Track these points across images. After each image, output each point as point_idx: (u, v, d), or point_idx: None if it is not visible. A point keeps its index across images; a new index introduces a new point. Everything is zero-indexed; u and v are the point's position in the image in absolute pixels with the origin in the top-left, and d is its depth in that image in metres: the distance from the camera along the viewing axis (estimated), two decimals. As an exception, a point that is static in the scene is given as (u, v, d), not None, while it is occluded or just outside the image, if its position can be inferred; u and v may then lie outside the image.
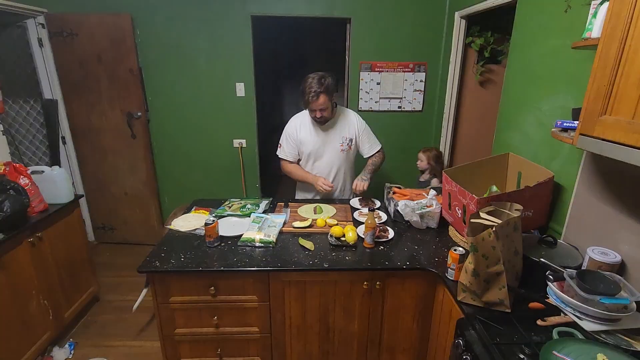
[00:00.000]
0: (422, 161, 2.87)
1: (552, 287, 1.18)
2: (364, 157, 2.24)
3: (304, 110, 2.12)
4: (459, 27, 2.97)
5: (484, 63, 3.07)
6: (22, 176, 2.00)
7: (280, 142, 2.21)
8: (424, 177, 2.91)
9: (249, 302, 1.58)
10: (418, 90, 3.36)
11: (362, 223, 1.77)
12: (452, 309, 1.39)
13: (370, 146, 2.20)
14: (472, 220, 1.25)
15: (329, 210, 2.02)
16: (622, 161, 0.95)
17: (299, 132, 2.14)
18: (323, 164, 2.18)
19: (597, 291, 1.07)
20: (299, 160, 2.23)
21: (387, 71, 3.28)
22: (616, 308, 1.05)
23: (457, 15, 2.96)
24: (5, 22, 2.81)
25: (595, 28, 1.19)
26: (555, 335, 1.06)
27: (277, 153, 2.23)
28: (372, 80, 3.30)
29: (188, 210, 2.02)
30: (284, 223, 1.85)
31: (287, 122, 2.21)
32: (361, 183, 2.06)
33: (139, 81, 3.07)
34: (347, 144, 2.14)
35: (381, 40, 3.19)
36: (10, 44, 2.90)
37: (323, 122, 2.06)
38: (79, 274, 2.42)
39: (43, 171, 2.18)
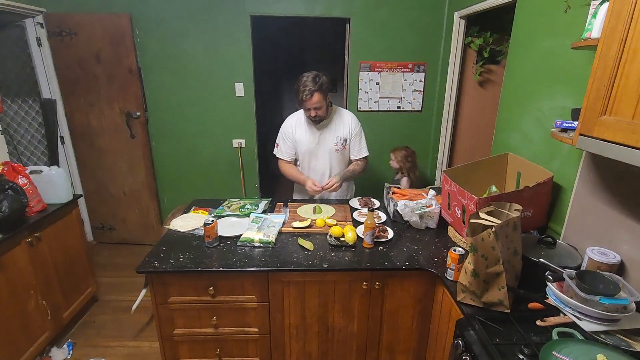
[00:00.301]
0: (393, 160, 2.91)
1: (552, 287, 1.18)
2: (350, 158, 2.22)
3: (300, 110, 2.12)
4: (458, 27, 2.97)
5: (483, 63, 3.07)
6: (20, 176, 1.99)
7: (276, 141, 2.21)
8: (397, 177, 2.95)
9: (248, 302, 1.57)
10: (417, 91, 3.36)
11: (362, 223, 1.77)
12: (451, 309, 1.39)
13: (358, 150, 2.18)
14: (471, 220, 1.25)
15: (328, 210, 2.01)
16: (622, 161, 0.95)
17: (294, 131, 2.13)
18: (319, 164, 2.18)
19: (596, 291, 1.07)
20: (296, 159, 2.23)
21: (387, 71, 3.28)
22: (615, 308, 1.05)
23: (456, 15, 2.96)
24: (4, 21, 2.80)
25: (595, 28, 1.19)
26: (554, 336, 1.06)
27: (274, 152, 2.22)
28: (372, 80, 3.30)
29: (187, 210, 2.02)
30: (283, 223, 1.84)
31: None
32: (337, 185, 2.01)
33: (138, 81, 3.07)
34: (342, 144, 2.13)
35: (380, 40, 3.19)
36: (8, 44, 2.89)
37: (318, 121, 2.05)
38: (78, 274, 2.41)
39: (42, 171, 2.17)
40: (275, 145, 2.22)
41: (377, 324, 1.65)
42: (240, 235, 1.69)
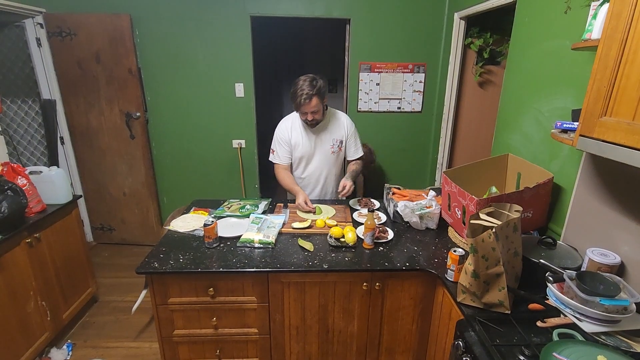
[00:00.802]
0: None
1: (552, 288, 1.17)
2: (347, 159, 2.22)
3: (293, 112, 2.08)
4: (458, 28, 2.97)
5: (483, 64, 3.08)
6: (20, 176, 1.99)
7: (272, 147, 2.15)
8: None
9: (248, 303, 1.57)
10: (417, 91, 3.36)
11: (362, 224, 1.76)
12: (451, 310, 1.39)
13: (355, 150, 2.19)
14: (471, 221, 1.25)
15: (328, 211, 2.01)
16: (622, 162, 0.95)
17: (290, 134, 2.10)
18: (314, 167, 2.16)
19: (596, 292, 1.07)
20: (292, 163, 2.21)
21: (387, 72, 3.28)
22: (616, 309, 1.04)
23: (456, 16, 2.96)
24: (4, 21, 2.80)
25: (595, 29, 1.19)
26: (555, 337, 1.06)
27: (271, 159, 2.16)
28: (372, 80, 3.30)
29: (187, 211, 2.02)
30: (283, 224, 1.84)
31: None
32: (350, 186, 1.99)
33: (138, 81, 3.07)
34: (337, 146, 2.13)
35: (380, 41, 3.19)
36: (8, 44, 2.89)
37: (314, 125, 2.02)
38: (78, 275, 2.41)
39: (41, 171, 2.17)
40: (271, 151, 2.16)
41: (377, 325, 1.65)
42: (240, 236, 1.69)
